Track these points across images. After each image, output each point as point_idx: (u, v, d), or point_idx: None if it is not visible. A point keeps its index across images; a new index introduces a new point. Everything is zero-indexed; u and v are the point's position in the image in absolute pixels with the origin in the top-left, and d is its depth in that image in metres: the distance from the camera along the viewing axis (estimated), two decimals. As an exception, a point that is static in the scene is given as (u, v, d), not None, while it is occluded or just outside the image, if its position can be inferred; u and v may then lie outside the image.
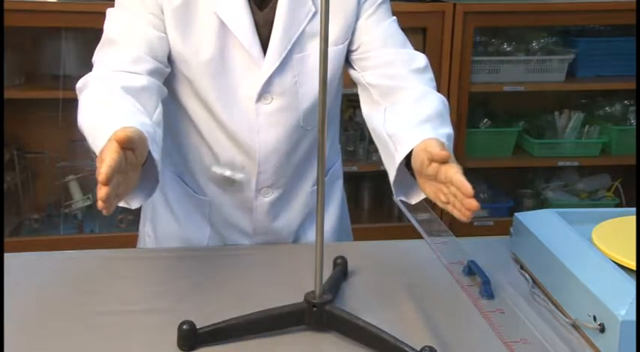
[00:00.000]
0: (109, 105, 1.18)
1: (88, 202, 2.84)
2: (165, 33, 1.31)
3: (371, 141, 3.02)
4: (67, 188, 2.85)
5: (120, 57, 1.28)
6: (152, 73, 1.29)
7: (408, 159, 1.19)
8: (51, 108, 2.71)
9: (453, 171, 1.07)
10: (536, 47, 2.98)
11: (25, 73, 2.73)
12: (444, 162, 1.10)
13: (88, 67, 1.32)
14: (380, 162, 1.31)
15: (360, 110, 1.40)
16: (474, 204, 1.03)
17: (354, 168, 2.91)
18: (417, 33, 2.72)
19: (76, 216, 2.86)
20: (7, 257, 1.32)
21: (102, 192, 0.96)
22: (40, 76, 2.71)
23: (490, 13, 2.79)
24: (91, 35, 2.67)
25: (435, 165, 1.11)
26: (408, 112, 1.27)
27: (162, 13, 1.31)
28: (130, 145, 1.02)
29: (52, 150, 2.83)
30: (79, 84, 1.27)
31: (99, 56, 1.32)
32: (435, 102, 1.29)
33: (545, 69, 2.94)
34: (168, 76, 1.34)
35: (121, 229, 2.81)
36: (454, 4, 2.71)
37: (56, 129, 2.78)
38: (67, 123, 2.79)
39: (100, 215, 2.82)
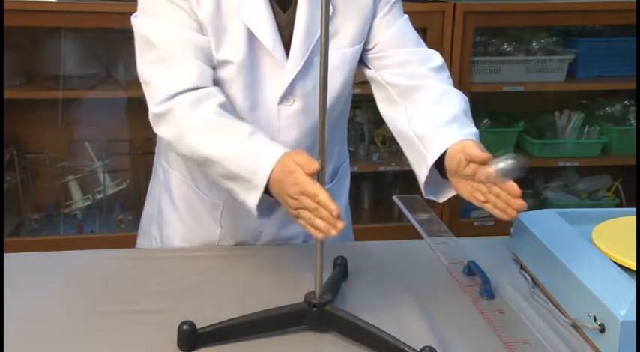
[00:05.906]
0: (233, 131, 1.23)
1: (88, 202, 2.84)
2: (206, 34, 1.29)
3: (371, 142, 3.05)
4: (67, 188, 2.85)
5: (185, 73, 1.25)
6: (214, 80, 1.29)
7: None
8: (51, 109, 2.71)
9: None
10: (536, 47, 2.98)
11: (25, 73, 2.72)
12: (483, 163, 1.12)
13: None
14: (380, 162, 1.31)
15: (361, 110, 1.40)
16: (522, 204, 1.10)
17: (354, 168, 2.89)
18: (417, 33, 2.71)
19: (76, 216, 2.86)
20: (7, 257, 1.32)
21: (341, 225, 1.07)
22: (40, 76, 2.70)
23: (490, 13, 2.78)
24: (91, 35, 2.72)
25: (473, 165, 1.14)
26: (433, 112, 1.28)
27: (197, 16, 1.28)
28: None
29: (52, 150, 2.82)
30: (158, 110, 1.24)
31: (155, 74, 1.27)
32: (457, 100, 1.30)
33: (545, 69, 2.94)
34: None
35: (121, 229, 2.81)
36: (454, 4, 2.71)
37: (56, 129, 2.78)
38: (67, 123, 2.79)
39: (100, 215, 2.84)
